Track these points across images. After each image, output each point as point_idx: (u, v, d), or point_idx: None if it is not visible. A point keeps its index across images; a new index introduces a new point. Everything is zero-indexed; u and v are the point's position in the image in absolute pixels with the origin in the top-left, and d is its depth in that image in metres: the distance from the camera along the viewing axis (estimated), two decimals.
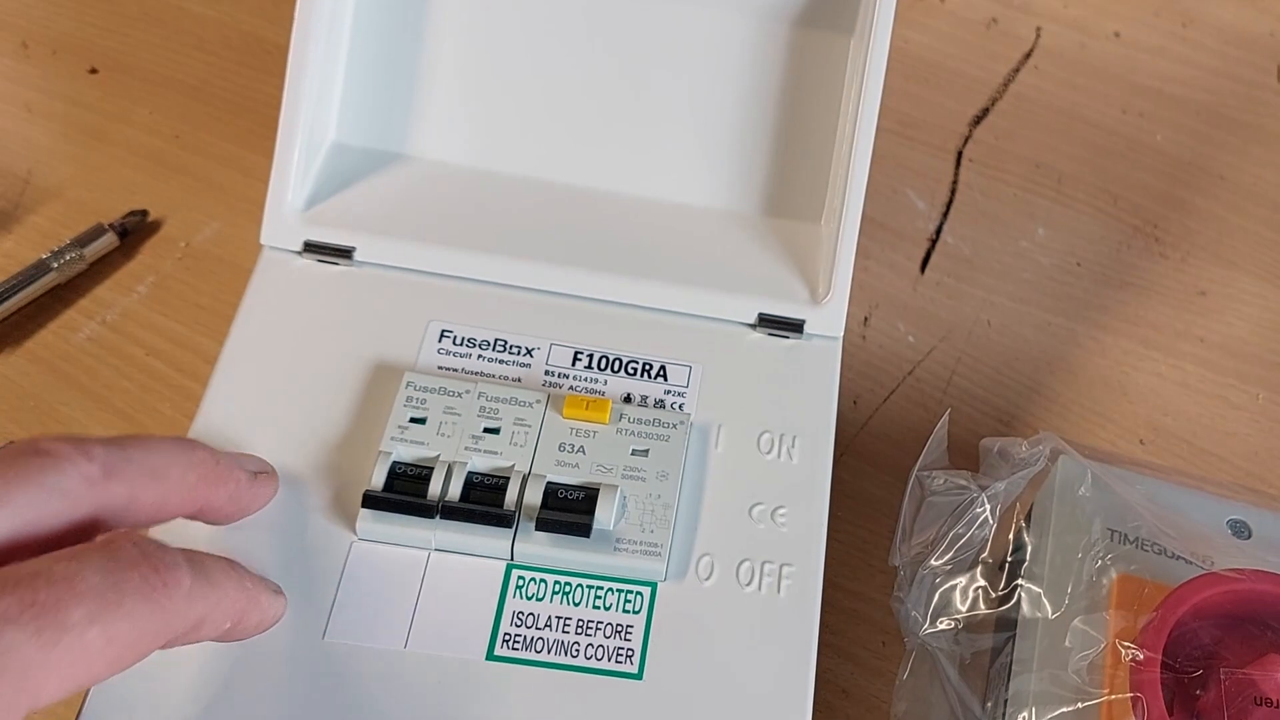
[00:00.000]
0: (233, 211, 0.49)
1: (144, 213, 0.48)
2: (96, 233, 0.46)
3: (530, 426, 0.36)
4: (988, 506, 0.36)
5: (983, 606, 0.36)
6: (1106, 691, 0.32)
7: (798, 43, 0.41)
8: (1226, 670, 0.32)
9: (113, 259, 0.47)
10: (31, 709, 0.24)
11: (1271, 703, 0.31)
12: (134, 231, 0.47)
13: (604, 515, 0.34)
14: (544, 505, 0.34)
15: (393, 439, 0.35)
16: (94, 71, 0.53)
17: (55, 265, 0.45)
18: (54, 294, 0.45)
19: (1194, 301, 0.50)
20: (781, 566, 0.35)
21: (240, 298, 0.39)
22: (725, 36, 0.41)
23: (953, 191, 0.53)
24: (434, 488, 0.34)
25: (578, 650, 0.33)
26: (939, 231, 0.52)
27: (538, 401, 0.36)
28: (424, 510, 0.34)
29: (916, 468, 0.39)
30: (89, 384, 0.43)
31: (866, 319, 0.49)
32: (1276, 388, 0.48)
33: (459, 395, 0.36)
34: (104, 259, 0.46)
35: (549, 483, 0.35)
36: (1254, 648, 0.33)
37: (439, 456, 0.35)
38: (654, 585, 0.34)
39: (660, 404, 0.38)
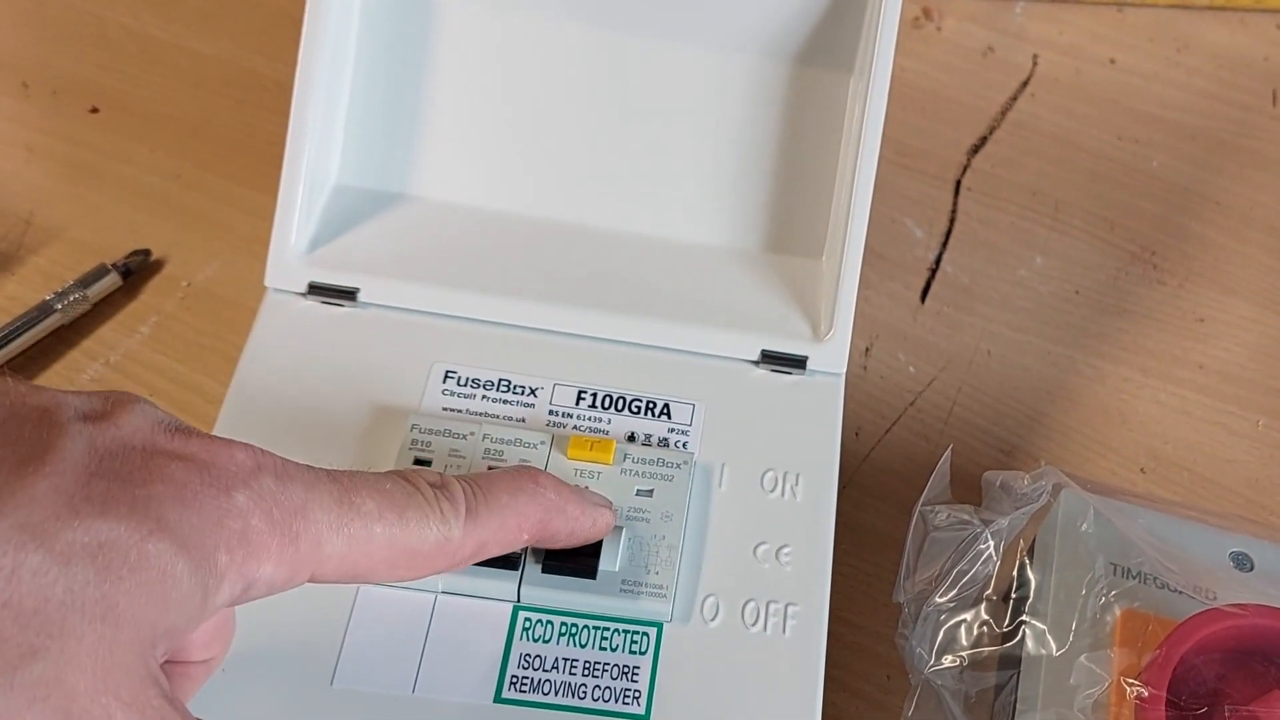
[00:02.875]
0: (234, 250, 0.49)
1: (147, 252, 0.48)
2: (100, 273, 0.46)
3: None
4: (991, 543, 0.36)
5: (987, 643, 0.36)
6: None
7: (798, 81, 0.41)
8: (1231, 707, 0.32)
9: (115, 299, 0.47)
10: (317, 574, 0.27)
11: None
12: (137, 271, 0.47)
13: (609, 557, 0.34)
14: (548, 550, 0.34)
15: None
16: (94, 111, 0.53)
17: (59, 307, 0.45)
18: (57, 335, 0.45)
19: (1192, 328, 0.50)
20: (787, 606, 0.35)
21: (242, 337, 0.39)
22: (726, 76, 0.41)
23: (951, 221, 0.53)
24: None
25: (585, 692, 0.33)
26: (938, 261, 0.52)
27: (542, 443, 0.36)
28: None
29: (920, 503, 0.39)
30: None
31: (868, 349, 0.49)
32: (1276, 414, 0.48)
33: (463, 437, 0.36)
34: (107, 299, 0.47)
35: None
36: (1258, 684, 0.33)
37: None
38: (660, 626, 0.34)
39: (664, 442, 0.38)
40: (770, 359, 0.40)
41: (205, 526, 0.24)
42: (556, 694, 0.33)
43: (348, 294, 0.39)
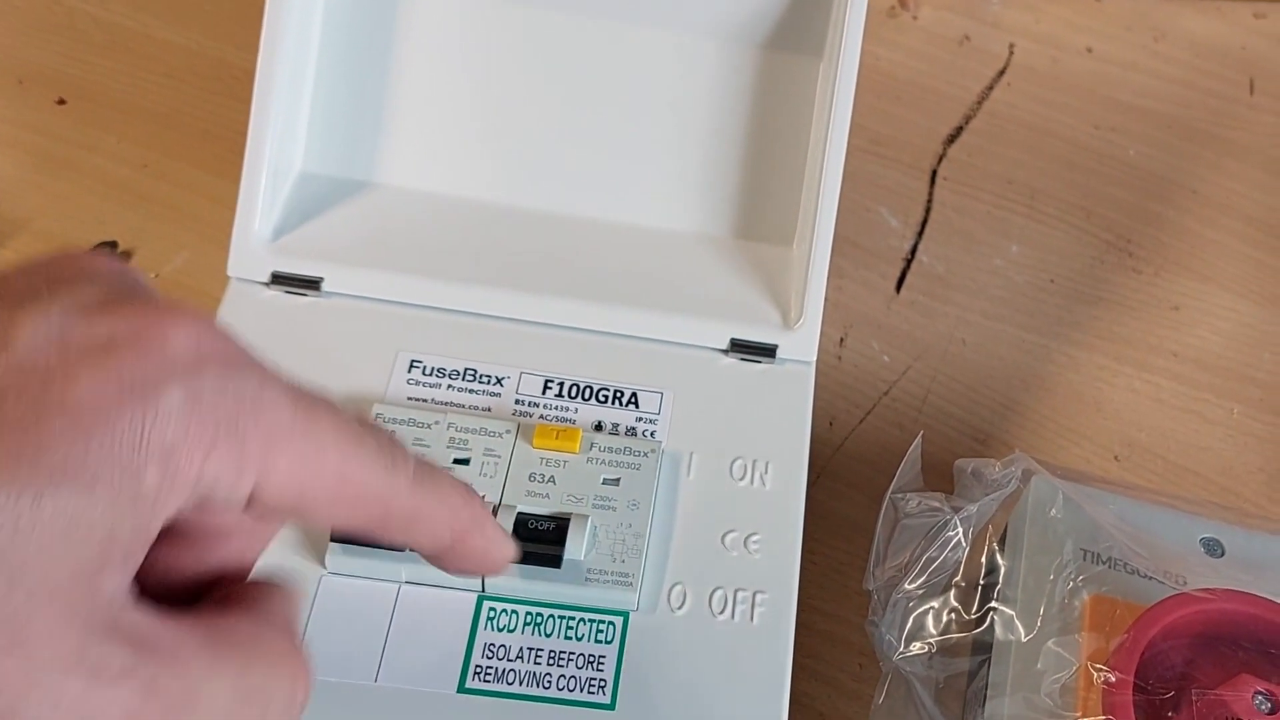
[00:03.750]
0: (202, 239, 0.48)
1: (114, 244, 0.47)
2: None
3: (500, 457, 0.36)
4: (960, 529, 0.36)
5: (956, 630, 0.36)
6: (1079, 715, 0.32)
7: (767, 66, 0.41)
8: (1198, 691, 0.32)
9: None
10: (258, 490, 0.23)
11: None
12: None
13: (574, 546, 0.34)
14: (514, 536, 0.34)
15: None
16: (61, 102, 0.53)
17: None
18: None
19: (1167, 316, 0.50)
20: (755, 594, 0.35)
21: None
22: (694, 61, 0.41)
23: (927, 210, 0.53)
24: None
25: (550, 682, 0.33)
26: (914, 250, 0.52)
27: (507, 432, 0.36)
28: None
29: (891, 490, 0.39)
30: None
31: (842, 339, 0.48)
32: (1251, 402, 0.48)
33: (428, 426, 0.36)
34: None
35: (519, 513, 0.34)
36: (1226, 668, 0.33)
37: None
38: (626, 615, 0.34)
39: (632, 431, 0.38)
40: (740, 347, 0.39)
41: (122, 449, 0.21)
42: (521, 684, 0.33)
43: (311, 283, 0.39)
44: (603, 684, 0.33)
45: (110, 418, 0.21)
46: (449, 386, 0.38)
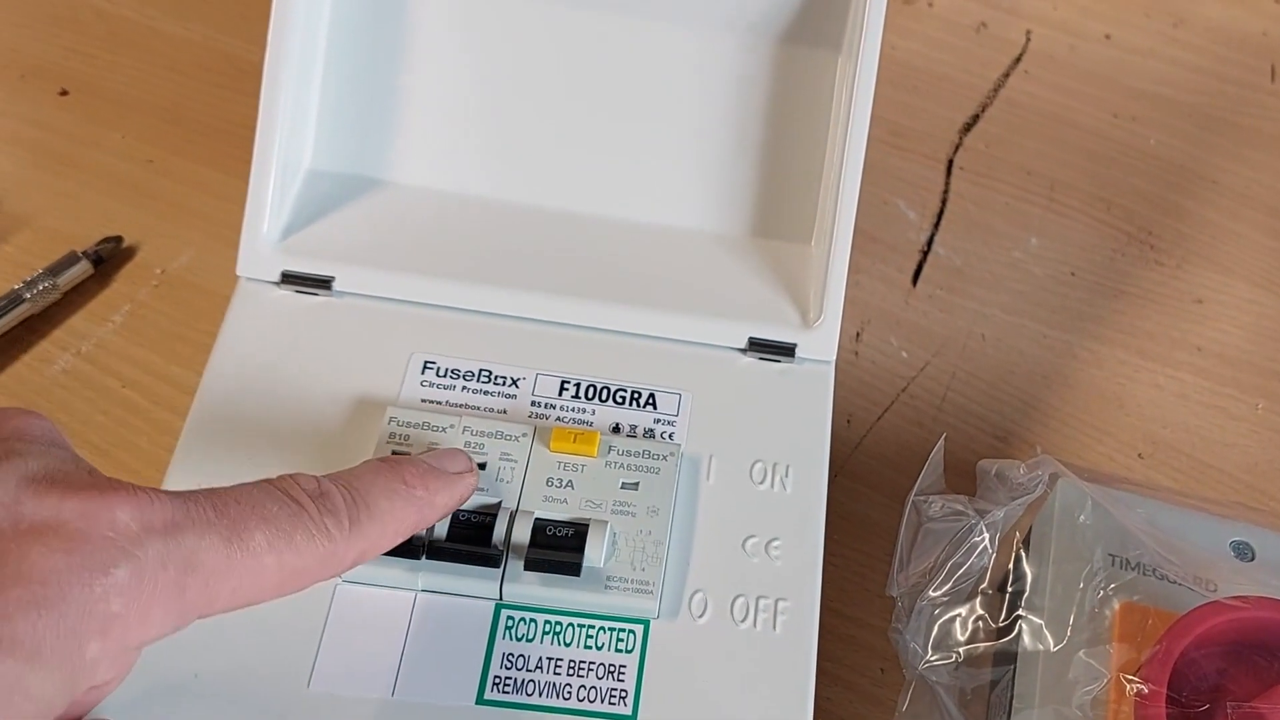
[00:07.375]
0: (208, 236, 0.47)
1: (118, 239, 0.47)
2: (70, 261, 0.45)
3: (517, 461, 0.35)
4: (986, 535, 0.36)
5: (983, 638, 0.35)
6: None
7: (784, 61, 0.40)
8: (1233, 703, 0.31)
9: (87, 288, 0.46)
10: (205, 614, 0.26)
11: None
12: (109, 259, 0.46)
13: (594, 553, 0.33)
14: (532, 543, 0.33)
15: None
16: (64, 94, 0.52)
17: (28, 296, 0.44)
18: (27, 325, 0.44)
19: (1190, 310, 0.50)
20: (777, 601, 0.34)
21: (217, 326, 0.38)
22: (710, 56, 0.40)
23: (944, 201, 0.52)
24: None
25: (570, 692, 0.32)
26: (930, 243, 0.51)
27: (524, 435, 0.35)
28: (409, 551, 0.33)
29: (913, 493, 0.38)
30: (64, 418, 0.42)
31: (859, 334, 0.48)
32: (1276, 397, 0.47)
33: (443, 430, 0.35)
34: (78, 288, 0.45)
35: (537, 519, 0.34)
36: (1261, 678, 0.32)
37: None
38: (646, 623, 0.33)
39: (650, 433, 0.37)
40: (758, 347, 0.39)
41: (70, 624, 0.22)
42: (540, 695, 0.32)
43: (322, 283, 0.38)
44: (624, 694, 0.32)
45: (61, 593, 0.22)
46: (464, 388, 0.37)
